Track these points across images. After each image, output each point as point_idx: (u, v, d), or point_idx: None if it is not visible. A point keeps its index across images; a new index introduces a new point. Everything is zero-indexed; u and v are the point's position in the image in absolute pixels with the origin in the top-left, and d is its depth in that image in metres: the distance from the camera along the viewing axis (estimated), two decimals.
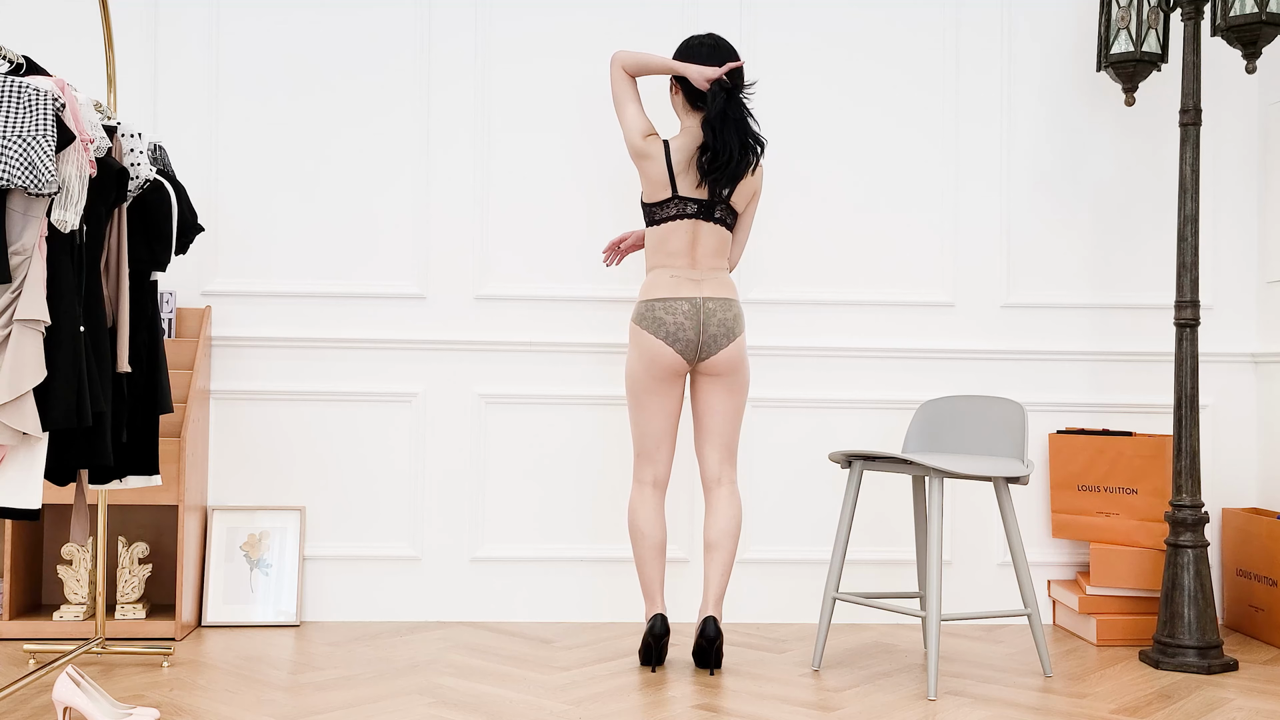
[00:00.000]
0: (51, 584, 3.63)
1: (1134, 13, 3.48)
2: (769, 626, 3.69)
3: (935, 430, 3.35)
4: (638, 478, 3.21)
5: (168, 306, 3.63)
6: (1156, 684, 3.04)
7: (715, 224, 3.16)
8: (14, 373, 2.30)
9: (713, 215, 3.15)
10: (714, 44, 3.17)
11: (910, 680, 3.05)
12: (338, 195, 3.76)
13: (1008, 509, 3.08)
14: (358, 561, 3.72)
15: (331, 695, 2.83)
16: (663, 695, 2.88)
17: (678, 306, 3.10)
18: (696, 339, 3.09)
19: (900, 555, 3.77)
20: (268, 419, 3.72)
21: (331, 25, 3.77)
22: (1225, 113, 3.86)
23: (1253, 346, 3.87)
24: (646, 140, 3.14)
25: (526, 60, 3.80)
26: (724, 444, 3.19)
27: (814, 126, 3.83)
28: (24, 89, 2.35)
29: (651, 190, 3.16)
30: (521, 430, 3.77)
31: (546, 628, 3.63)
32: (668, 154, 3.12)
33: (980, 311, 3.85)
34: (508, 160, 3.79)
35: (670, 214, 3.14)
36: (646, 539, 3.16)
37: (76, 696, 2.46)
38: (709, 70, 3.09)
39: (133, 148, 2.81)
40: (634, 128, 3.15)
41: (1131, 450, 3.62)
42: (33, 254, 2.37)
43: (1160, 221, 3.86)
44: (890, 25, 3.85)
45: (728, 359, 3.13)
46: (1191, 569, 3.21)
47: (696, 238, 3.14)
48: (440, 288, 3.77)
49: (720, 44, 3.18)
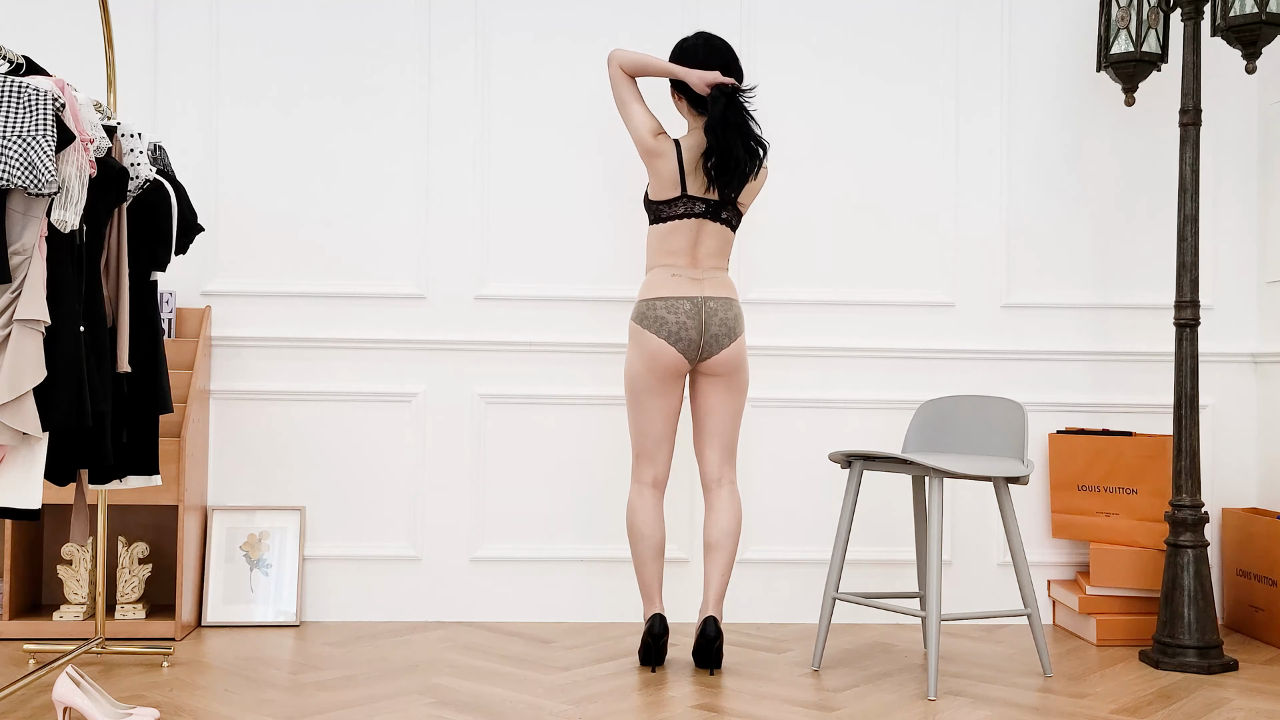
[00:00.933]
0: (51, 584, 3.63)
1: (1134, 13, 3.47)
2: (769, 626, 3.69)
3: (935, 430, 3.35)
4: (636, 478, 3.21)
5: (168, 306, 3.63)
6: (1156, 684, 3.04)
7: (721, 224, 3.15)
8: (14, 373, 2.30)
9: (719, 216, 3.14)
10: (707, 42, 3.16)
11: (910, 680, 3.05)
12: (338, 195, 3.76)
13: (1008, 509, 3.08)
14: (358, 561, 3.72)
15: (331, 695, 2.83)
16: (663, 695, 2.88)
17: (680, 306, 3.09)
18: (698, 339, 3.09)
19: (900, 555, 3.77)
20: (268, 419, 3.72)
21: (331, 26, 3.77)
22: (1225, 113, 3.86)
23: (1253, 346, 3.87)
24: (658, 139, 3.13)
25: (527, 59, 3.80)
26: (724, 444, 3.19)
27: (814, 126, 3.83)
28: (24, 89, 2.35)
29: (660, 188, 3.15)
30: (521, 430, 3.77)
31: (546, 628, 3.63)
32: (679, 153, 3.11)
33: (980, 311, 3.85)
34: (508, 160, 3.79)
35: (678, 212, 3.13)
36: (645, 539, 3.16)
37: (76, 696, 2.46)
38: (708, 75, 3.08)
39: (133, 148, 2.81)
40: (642, 126, 3.14)
41: (1131, 450, 3.62)
42: (33, 254, 2.37)
43: (1160, 221, 3.86)
44: (890, 25, 3.85)
45: (728, 359, 3.12)
46: (1191, 569, 3.21)
47: (699, 237, 3.14)
48: (440, 288, 3.77)
49: (713, 41, 3.17)
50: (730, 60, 3.15)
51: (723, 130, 3.06)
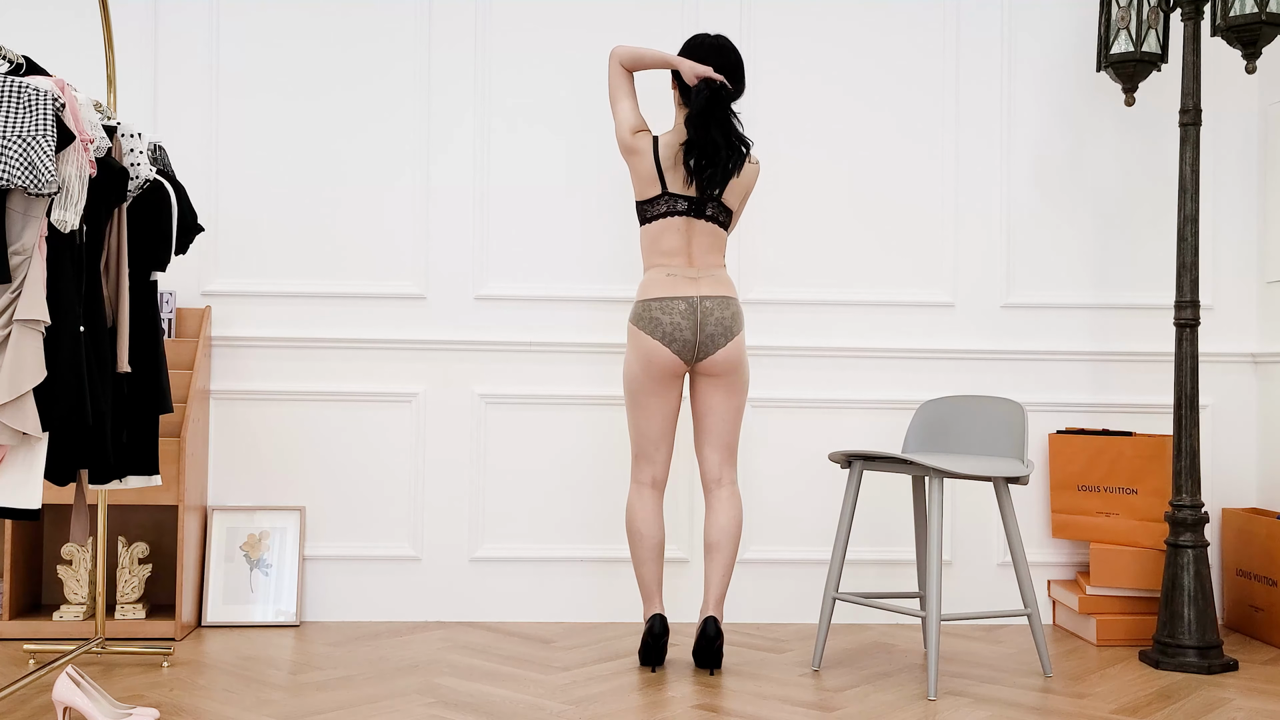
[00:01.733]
0: (51, 584, 3.63)
1: (1134, 13, 3.47)
2: (769, 626, 3.69)
3: (935, 430, 3.35)
4: (635, 478, 3.20)
5: (168, 306, 3.63)
6: (1156, 684, 3.04)
7: (708, 221, 3.14)
8: (14, 373, 2.30)
9: (704, 213, 3.13)
10: (717, 45, 3.17)
11: (910, 680, 3.05)
12: (338, 195, 3.76)
13: (1008, 509, 3.08)
14: (358, 561, 3.72)
15: (331, 695, 2.83)
16: (663, 695, 2.87)
17: (674, 306, 3.09)
18: (694, 339, 3.08)
19: (900, 555, 3.77)
20: (268, 419, 3.72)
21: (332, 26, 3.77)
22: (1225, 113, 3.86)
23: (1253, 346, 3.87)
24: (635, 136, 3.14)
25: (527, 60, 3.80)
26: (724, 444, 3.19)
27: (814, 126, 3.83)
28: (24, 89, 2.35)
29: (641, 187, 3.16)
30: (521, 430, 3.76)
31: (546, 628, 3.63)
32: (655, 149, 3.11)
33: (980, 311, 3.85)
34: (508, 160, 3.79)
35: (661, 210, 3.13)
36: (645, 540, 3.15)
37: (76, 696, 2.46)
38: (700, 67, 3.08)
39: (133, 148, 2.81)
40: (625, 122, 3.15)
41: (1131, 450, 3.62)
42: (33, 254, 2.37)
43: (1160, 221, 3.86)
44: (890, 25, 3.85)
45: (726, 359, 3.12)
46: (1191, 569, 3.21)
47: (690, 236, 3.13)
48: (440, 288, 3.77)
49: (724, 45, 3.17)
50: (731, 64, 3.14)
51: (701, 122, 3.05)
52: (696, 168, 3.07)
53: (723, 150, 3.07)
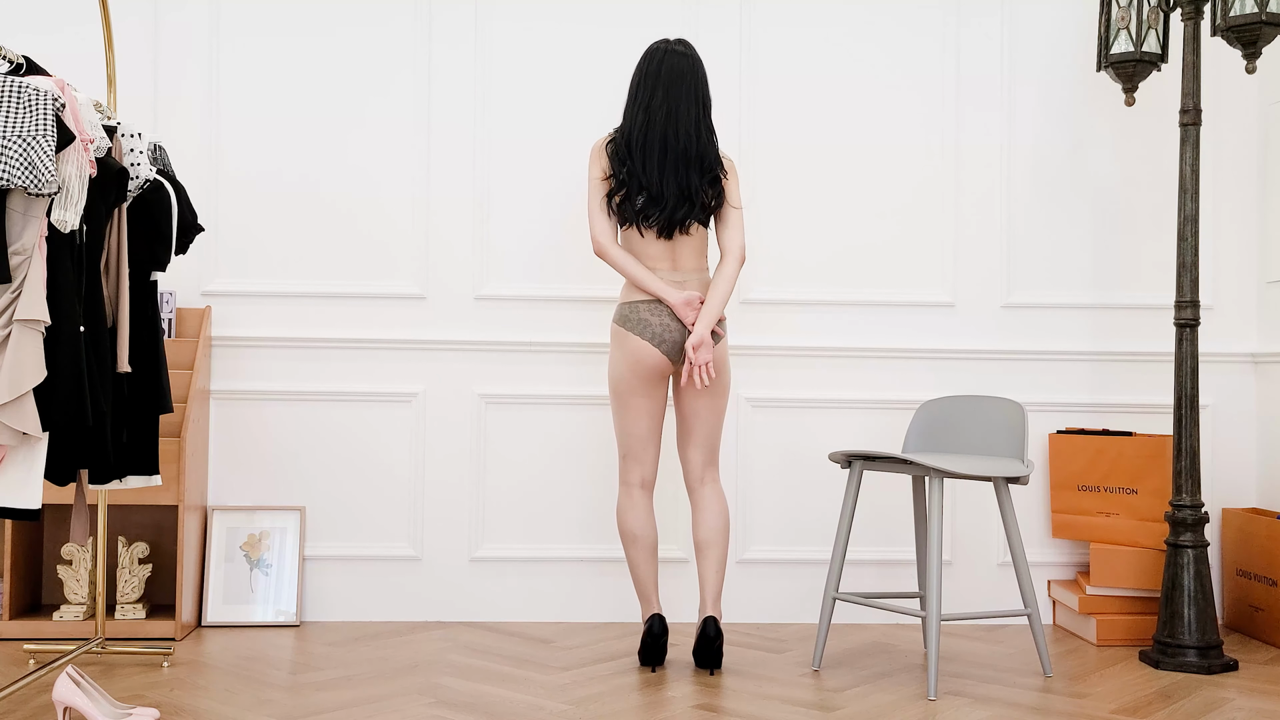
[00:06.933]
0: (51, 584, 3.63)
1: (1134, 13, 3.47)
2: (769, 626, 3.69)
3: (935, 430, 3.35)
4: (624, 480, 3.19)
5: (168, 306, 3.63)
6: (1156, 684, 3.04)
7: (683, 232, 3.11)
8: (14, 373, 2.30)
9: (685, 230, 3.11)
10: (673, 72, 3.09)
11: (910, 680, 3.05)
12: (338, 195, 3.76)
13: (1008, 509, 3.08)
14: (358, 561, 3.72)
15: (331, 695, 2.83)
16: (663, 695, 2.87)
17: (663, 308, 3.08)
18: (682, 340, 3.08)
19: (900, 555, 3.77)
20: (268, 419, 3.72)
21: (332, 26, 3.77)
22: (1225, 113, 3.86)
23: (1253, 346, 3.87)
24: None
25: (527, 60, 3.80)
26: (707, 445, 3.18)
27: (814, 126, 3.83)
28: (24, 89, 2.35)
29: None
30: (521, 430, 3.76)
31: (546, 628, 3.63)
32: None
33: (980, 311, 3.85)
34: (508, 159, 3.79)
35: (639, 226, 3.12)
36: (639, 541, 3.15)
37: (76, 696, 2.46)
38: (687, 313, 3.04)
39: (133, 148, 2.81)
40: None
41: (1131, 450, 3.62)
42: (33, 254, 2.37)
43: (1160, 221, 3.86)
44: (890, 26, 3.85)
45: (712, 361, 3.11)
46: (1191, 569, 3.21)
47: (673, 244, 3.11)
48: (440, 288, 3.77)
49: (679, 71, 3.09)
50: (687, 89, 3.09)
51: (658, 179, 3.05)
52: (649, 221, 3.08)
53: (685, 206, 3.07)
